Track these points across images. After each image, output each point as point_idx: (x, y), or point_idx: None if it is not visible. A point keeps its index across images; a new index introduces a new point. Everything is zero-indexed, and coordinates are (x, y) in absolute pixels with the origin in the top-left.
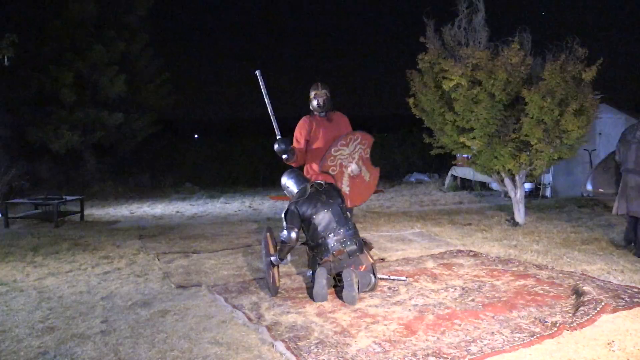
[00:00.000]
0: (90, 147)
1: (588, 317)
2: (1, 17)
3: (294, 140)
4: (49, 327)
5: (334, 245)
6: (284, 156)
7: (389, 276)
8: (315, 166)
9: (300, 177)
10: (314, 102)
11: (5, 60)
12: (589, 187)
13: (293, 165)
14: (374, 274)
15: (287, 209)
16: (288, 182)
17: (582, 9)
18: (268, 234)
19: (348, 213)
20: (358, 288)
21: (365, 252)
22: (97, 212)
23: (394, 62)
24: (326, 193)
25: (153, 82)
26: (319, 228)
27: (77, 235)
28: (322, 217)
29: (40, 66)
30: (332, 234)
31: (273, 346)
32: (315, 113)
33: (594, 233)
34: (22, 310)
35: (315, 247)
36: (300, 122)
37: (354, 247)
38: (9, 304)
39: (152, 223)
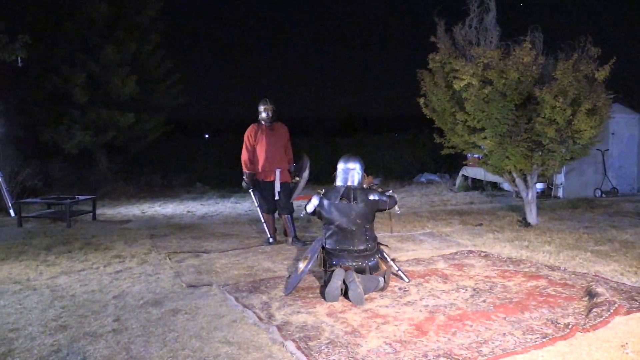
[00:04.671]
0: (102, 147)
1: (601, 319)
2: (14, 19)
3: (245, 140)
4: (61, 326)
5: (345, 260)
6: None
7: (398, 269)
8: (260, 165)
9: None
10: (263, 114)
11: (19, 61)
12: None
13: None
14: (385, 278)
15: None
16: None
17: (594, 7)
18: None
19: (368, 226)
20: (363, 287)
21: (380, 263)
22: (108, 211)
23: (404, 62)
24: (352, 196)
25: (164, 82)
26: (334, 238)
27: (89, 234)
28: (338, 230)
29: (52, 67)
30: (346, 252)
31: (283, 346)
32: (262, 122)
33: (607, 234)
34: (35, 308)
35: (326, 251)
36: (249, 128)
37: (364, 266)
38: (23, 302)
39: (163, 223)
